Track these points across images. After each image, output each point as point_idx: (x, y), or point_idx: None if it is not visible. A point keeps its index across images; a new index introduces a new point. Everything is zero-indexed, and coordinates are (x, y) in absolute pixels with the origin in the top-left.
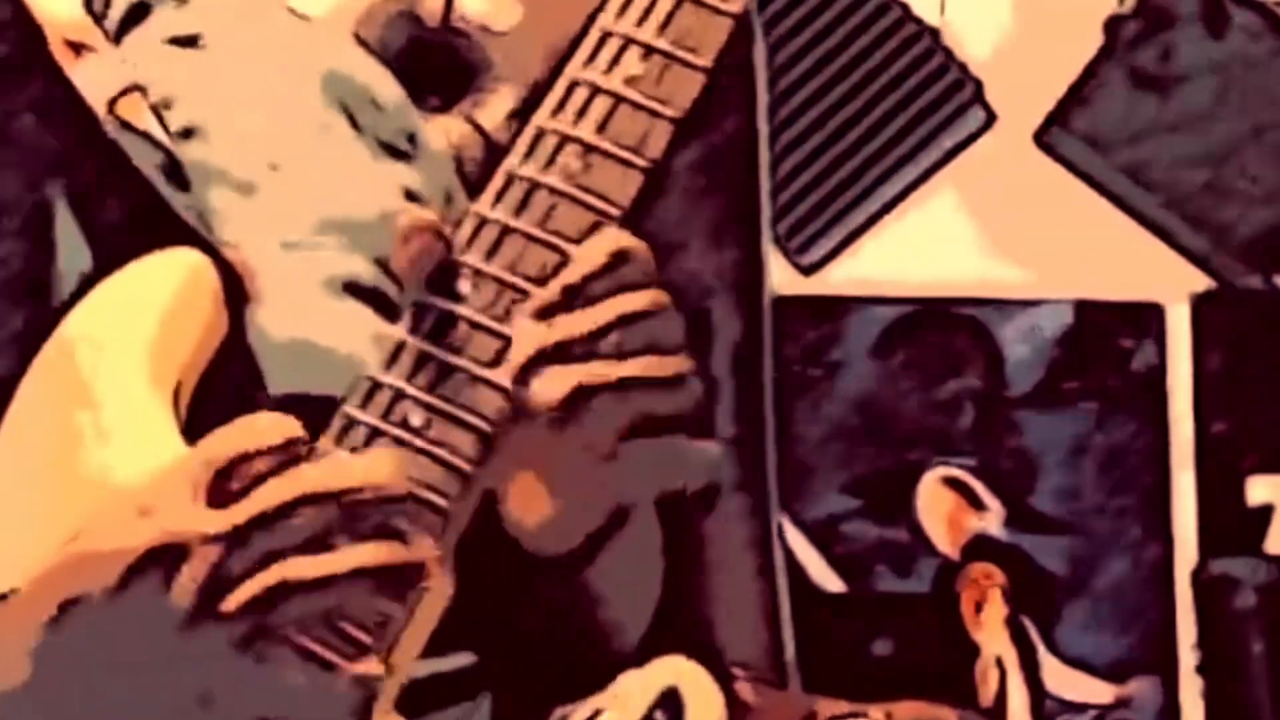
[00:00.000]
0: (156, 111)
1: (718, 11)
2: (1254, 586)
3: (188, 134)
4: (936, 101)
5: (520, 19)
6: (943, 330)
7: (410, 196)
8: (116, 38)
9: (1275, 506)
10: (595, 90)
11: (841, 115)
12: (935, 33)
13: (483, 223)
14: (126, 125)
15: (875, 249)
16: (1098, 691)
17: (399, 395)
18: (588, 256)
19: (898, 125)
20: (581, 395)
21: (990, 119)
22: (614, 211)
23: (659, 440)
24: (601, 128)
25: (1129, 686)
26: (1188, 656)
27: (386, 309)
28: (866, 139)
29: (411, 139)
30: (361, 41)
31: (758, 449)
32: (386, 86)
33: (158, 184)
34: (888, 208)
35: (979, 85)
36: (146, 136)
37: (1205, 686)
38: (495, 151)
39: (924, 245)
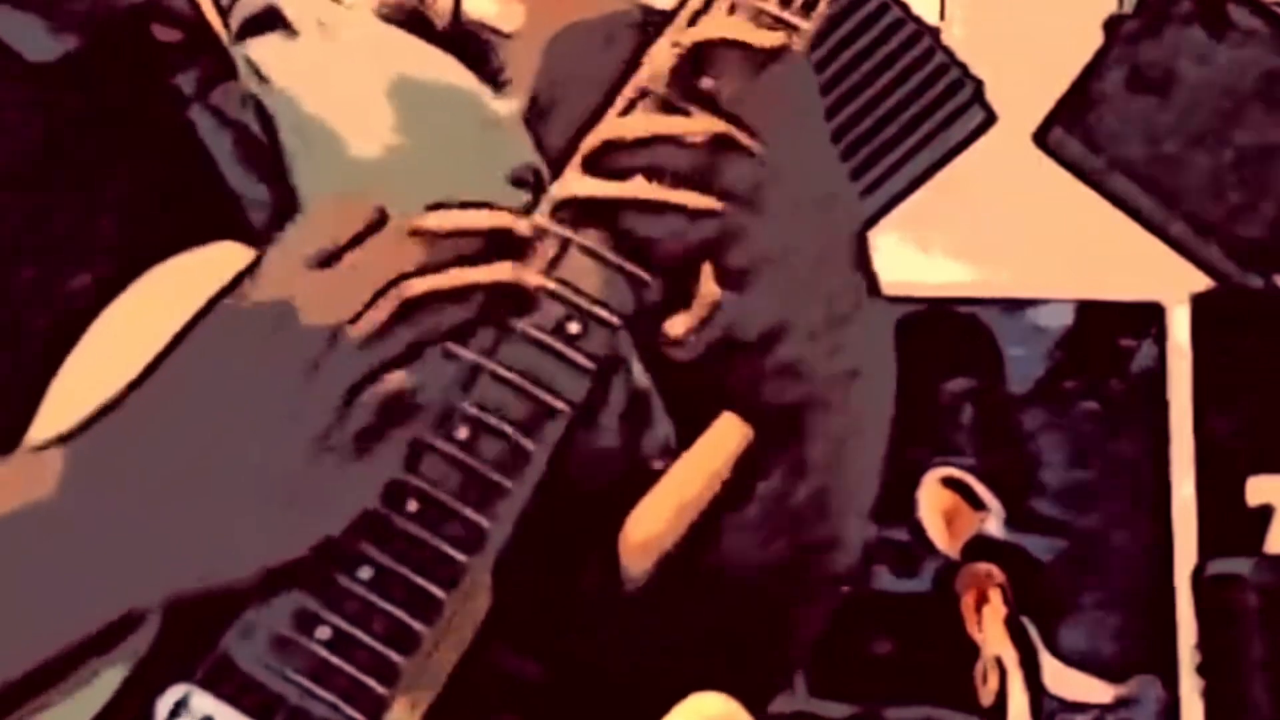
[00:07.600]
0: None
1: None
2: (1254, 586)
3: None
4: (936, 101)
5: (524, 21)
6: (943, 330)
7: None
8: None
9: (1275, 506)
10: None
11: (841, 115)
12: (935, 33)
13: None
14: (216, 110)
15: (875, 249)
16: (1098, 691)
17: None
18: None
19: (898, 125)
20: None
21: (990, 119)
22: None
23: None
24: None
25: (1129, 686)
26: (1188, 656)
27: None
28: (866, 139)
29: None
30: None
31: None
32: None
33: (232, 172)
34: (888, 207)
35: (979, 85)
36: (233, 123)
37: (1205, 686)
38: None
39: (924, 245)
